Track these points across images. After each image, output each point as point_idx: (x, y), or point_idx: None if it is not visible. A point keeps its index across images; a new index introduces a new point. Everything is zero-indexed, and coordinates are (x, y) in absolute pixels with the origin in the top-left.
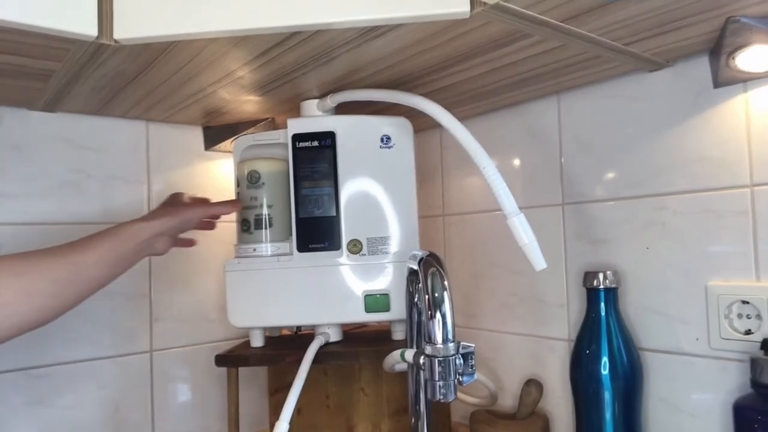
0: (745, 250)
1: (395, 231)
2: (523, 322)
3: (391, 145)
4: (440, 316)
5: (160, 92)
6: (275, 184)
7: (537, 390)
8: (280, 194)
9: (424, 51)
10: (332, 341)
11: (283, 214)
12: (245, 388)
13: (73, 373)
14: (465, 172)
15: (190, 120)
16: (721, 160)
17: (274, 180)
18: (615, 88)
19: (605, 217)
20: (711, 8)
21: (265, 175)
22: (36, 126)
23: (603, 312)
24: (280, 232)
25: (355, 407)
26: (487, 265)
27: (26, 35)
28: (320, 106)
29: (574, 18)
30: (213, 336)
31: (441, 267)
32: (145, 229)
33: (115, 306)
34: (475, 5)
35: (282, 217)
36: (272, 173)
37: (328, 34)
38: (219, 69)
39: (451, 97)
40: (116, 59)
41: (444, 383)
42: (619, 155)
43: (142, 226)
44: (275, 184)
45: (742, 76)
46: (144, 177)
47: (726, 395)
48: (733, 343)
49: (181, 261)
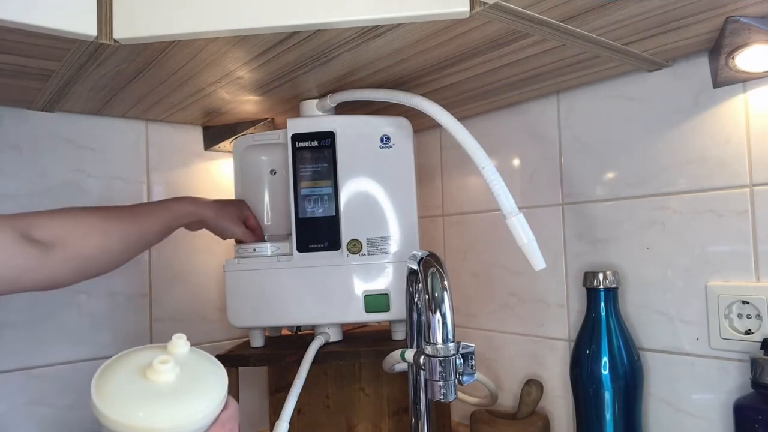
0: (745, 250)
1: (395, 231)
2: (523, 322)
3: (390, 145)
4: (440, 316)
5: (160, 92)
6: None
7: (537, 390)
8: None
9: (424, 51)
10: (332, 341)
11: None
12: (245, 388)
13: (73, 373)
14: (465, 172)
15: (190, 120)
16: (721, 160)
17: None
18: (615, 88)
19: (605, 217)
20: (710, 8)
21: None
22: (36, 126)
23: (603, 312)
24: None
25: (355, 407)
26: (487, 265)
27: (26, 35)
28: (320, 106)
29: (574, 18)
30: (213, 336)
31: (441, 267)
32: (194, 215)
33: (115, 306)
34: (475, 5)
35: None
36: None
37: (327, 33)
38: (218, 69)
39: (451, 97)
40: (116, 59)
41: (444, 383)
42: (619, 155)
43: (194, 212)
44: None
45: (741, 76)
46: (143, 177)
47: (726, 395)
48: (733, 343)
49: (181, 261)
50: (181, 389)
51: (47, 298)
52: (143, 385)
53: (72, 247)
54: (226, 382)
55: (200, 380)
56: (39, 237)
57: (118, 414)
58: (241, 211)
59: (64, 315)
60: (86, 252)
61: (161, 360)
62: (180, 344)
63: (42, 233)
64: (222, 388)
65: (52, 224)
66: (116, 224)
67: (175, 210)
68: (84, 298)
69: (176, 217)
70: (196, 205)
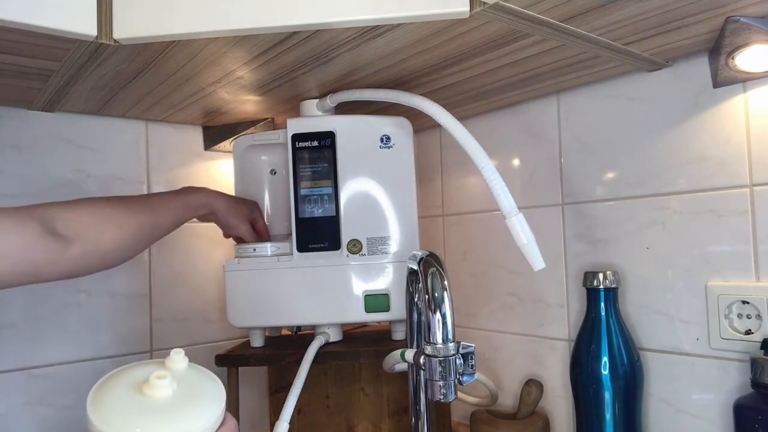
0: (745, 250)
1: (395, 231)
2: (523, 322)
3: (390, 145)
4: (440, 316)
5: (160, 92)
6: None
7: (537, 390)
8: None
9: (424, 51)
10: (332, 341)
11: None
12: (245, 388)
13: (73, 373)
14: (465, 172)
15: (190, 120)
16: (720, 160)
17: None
18: (615, 88)
19: (605, 217)
20: (710, 8)
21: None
22: (36, 126)
23: (603, 312)
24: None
25: (355, 407)
26: (487, 265)
27: (26, 35)
28: (320, 106)
29: (574, 18)
30: (213, 336)
31: (441, 267)
32: (207, 206)
33: (115, 306)
34: (475, 5)
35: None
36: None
37: (327, 33)
38: (218, 69)
39: (451, 97)
40: (116, 59)
41: (444, 383)
42: (619, 155)
43: (207, 203)
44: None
45: (741, 76)
46: (143, 177)
47: (726, 395)
48: (733, 343)
49: (181, 261)
50: (178, 405)
51: (47, 298)
52: (140, 400)
53: (90, 242)
54: (224, 398)
55: (198, 396)
56: (61, 231)
57: (115, 430)
58: (251, 211)
59: (64, 315)
60: (102, 247)
61: (158, 375)
62: (178, 360)
63: (64, 227)
64: (220, 404)
65: (73, 218)
66: (132, 216)
67: (188, 201)
68: (84, 298)
69: (190, 208)
70: (209, 197)
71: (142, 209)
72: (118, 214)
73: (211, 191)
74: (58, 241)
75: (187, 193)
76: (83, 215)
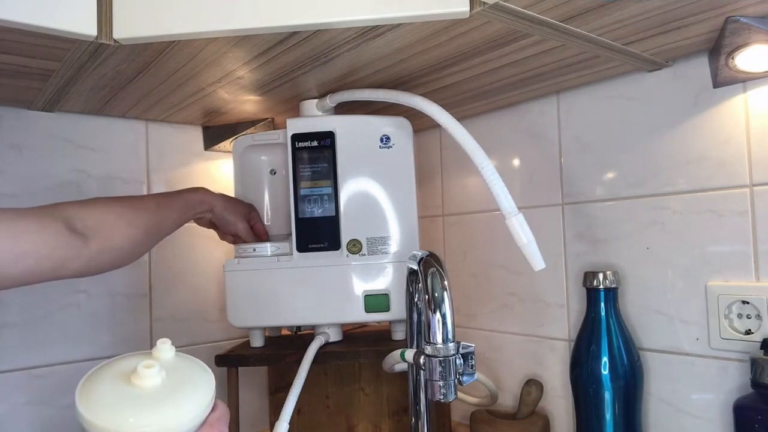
0: (745, 250)
1: (395, 231)
2: (523, 322)
3: (390, 145)
4: (440, 316)
5: (160, 92)
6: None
7: (537, 390)
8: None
9: (424, 51)
10: (332, 341)
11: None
12: (245, 388)
13: (73, 373)
14: (464, 172)
15: (190, 120)
16: (720, 160)
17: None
18: (615, 88)
19: (605, 217)
20: (710, 8)
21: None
22: (36, 126)
23: (603, 312)
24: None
25: (355, 407)
26: (486, 265)
27: (26, 35)
28: (320, 106)
29: (574, 18)
30: (213, 336)
31: (441, 267)
32: (205, 203)
33: (115, 306)
34: (475, 5)
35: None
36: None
37: (327, 34)
38: (218, 69)
39: (451, 97)
40: (115, 59)
41: (444, 383)
42: (619, 155)
43: (205, 200)
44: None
45: (741, 76)
46: (143, 177)
47: (726, 395)
48: (733, 343)
49: (181, 261)
50: (167, 393)
51: (47, 298)
52: (129, 390)
53: (106, 239)
54: (213, 383)
55: (187, 383)
56: (79, 228)
57: (106, 421)
58: (248, 211)
59: (64, 315)
60: (116, 243)
61: (146, 365)
62: (164, 349)
63: (82, 225)
64: (209, 390)
65: (89, 215)
66: (140, 214)
67: (189, 199)
68: (84, 298)
69: (191, 206)
70: (206, 194)
71: (148, 207)
72: (128, 212)
73: (208, 190)
74: (77, 237)
75: (188, 192)
76: (98, 213)
